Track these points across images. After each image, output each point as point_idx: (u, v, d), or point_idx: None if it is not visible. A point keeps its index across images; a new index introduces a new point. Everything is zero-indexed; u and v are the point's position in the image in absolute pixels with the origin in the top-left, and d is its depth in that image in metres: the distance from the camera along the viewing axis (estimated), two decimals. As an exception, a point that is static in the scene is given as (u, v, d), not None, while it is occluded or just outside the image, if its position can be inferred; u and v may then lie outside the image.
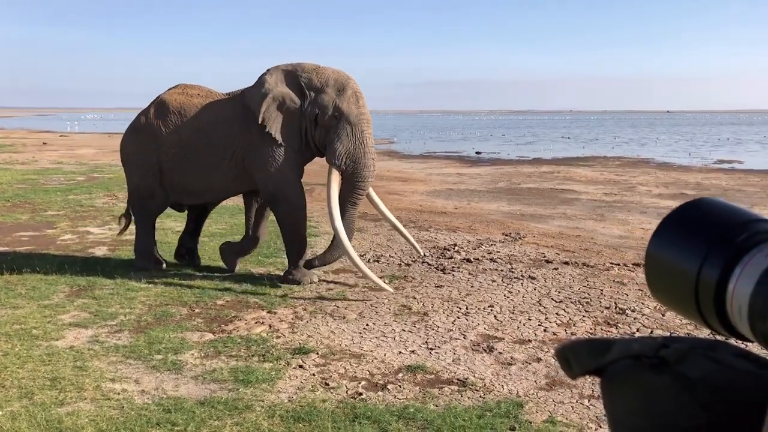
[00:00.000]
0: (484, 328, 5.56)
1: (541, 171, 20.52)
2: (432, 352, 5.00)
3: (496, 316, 5.85)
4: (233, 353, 4.96)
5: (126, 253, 8.15)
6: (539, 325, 5.65)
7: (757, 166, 22.57)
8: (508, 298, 6.41)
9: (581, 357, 0.50)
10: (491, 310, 6.01)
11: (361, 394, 4.25)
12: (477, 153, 29.94)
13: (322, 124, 6.79)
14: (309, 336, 5.36)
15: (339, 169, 6.77)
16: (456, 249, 8.45)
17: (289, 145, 6.86)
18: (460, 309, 6.06)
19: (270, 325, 5.61)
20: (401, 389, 4.34)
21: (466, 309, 6.06)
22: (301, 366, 4.71)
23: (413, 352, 5.03)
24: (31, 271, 7.10)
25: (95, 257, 8.03)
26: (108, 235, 9.43)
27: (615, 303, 6.23)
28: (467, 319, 5.77)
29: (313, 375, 4.57)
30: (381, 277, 6.89)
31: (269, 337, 5.31)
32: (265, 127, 6.74)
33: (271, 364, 4.73)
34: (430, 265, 7.72)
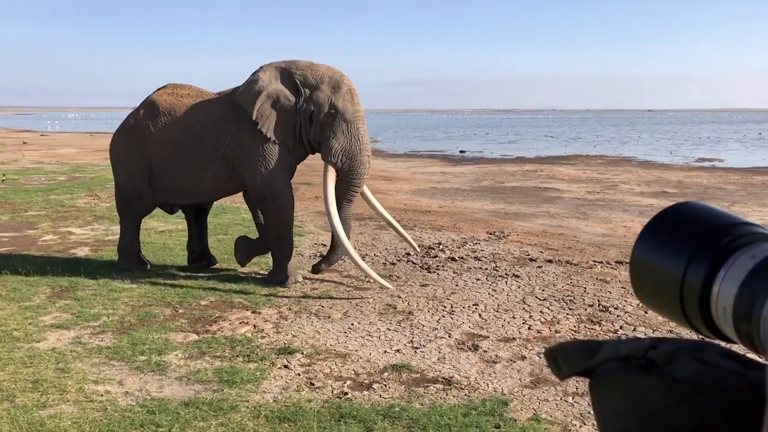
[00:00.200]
0: (468, 326, 5.58)
1: (524, 170, 20.62)
2: (417, 351, 5.01)
3: (480, 315, 5.87)
4: (218, 354, 4.94)
5: (108, 253, 8.08)
6: (523, 323, 5.68)
7: (737, 165, 22.83)
8: (493, 296, 6.44)
9: (570, 358, 0.50)
10: (476, 309, 6.03)
11: (346, 394, 4.25)
12: (461, 152, 30.02)
13: (318, 121, 6.76)
14: (294, 336, 5.35)
15: (335, 166, 6.76)
16: (441, 248, 8.47)
17: (283, 142, 6.83)
18: (445, 308, 6.07)
19: (255, 325, 5.59)
20: (387, 388, 4.34)
21: (451, 307, 6.07)
22: (286, 366, 4.70)
23: (398, 351, 5.03)
24: (12, 272, 7.02)
25: (77, 258, 7.95)
26: (90, 235, 9.35)
27: (598, 301, 6.28)
28: (452, 318, 5.79)
29: (299, 375, 4.56)
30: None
31: (254, 338, 5.29)
32: (258, 124, 6.70)
33: (255, 365, 4.72)
34: (415, 264, 7.73)
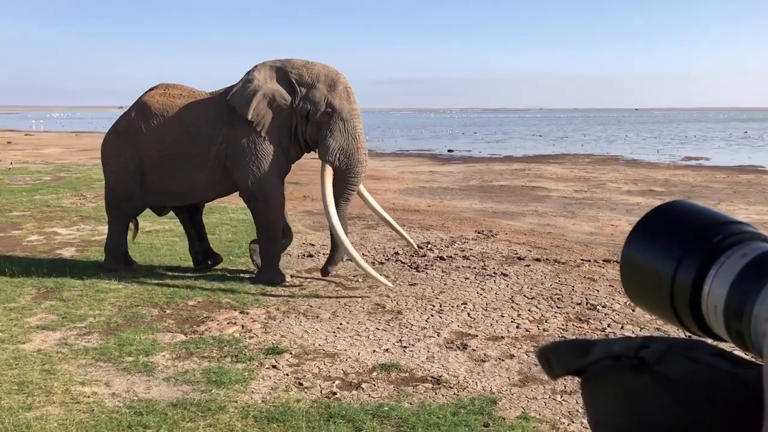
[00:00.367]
0: (457, 325, 5.59)
1: (512, 169, 20.69)
2: (406, 351, 5.01)
3: (469, 314, 5.88)
4: (205, 354, 4.92)
5: (95, 254, 8.03)
6: (512, 321, 5.69)
7: (723, 163, 23.03)
8: (481, 295, 6.45)
9: (562, 358, 0.50)
10: (464, 308, 6.04)
11: (335, 394, 4.24)
12: (449, 151, 30.07)
13: (314, 120, 6.74)
14: (282, 336, 5.33)
15: (332, 165, 6.75)
16: (429, 247, 8.48)
17: (279, 142, 6.80)
18: (434, 307, 6.08)
19: (243, 326, 5.57)
20: (375, 388, 4.34)
21: (440, 307, 6.08)
22: (274, 366, 4.69)
23: (387, 350, 5.03)
24: (-3, 273, 6.95)
25: (63, 258, 7.89)
26: (76, 235, 9.28)
27: (586, 299, 6.31)
28: (441, 317, 5.79)
29: (287, 375, 4.55)
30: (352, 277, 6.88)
31: (242, 338, 5.27)
32: (253, 123, 6.67)
33: (244, 365, 4.70)
34: (403, 263, 7.74)
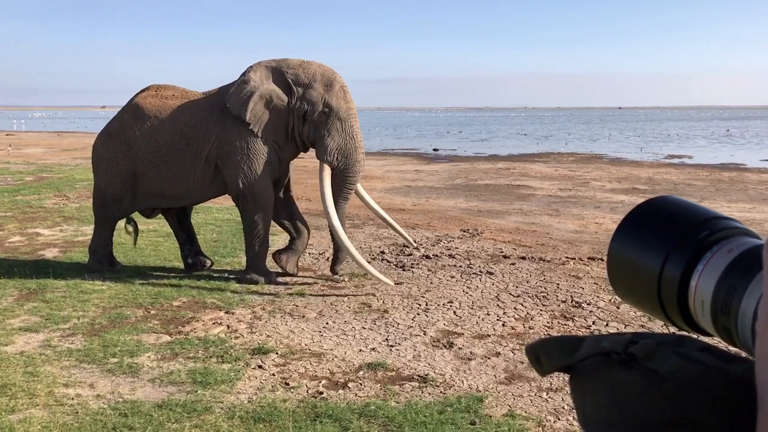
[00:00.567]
0: (443, 324, 5.60)
1: (497, 167, 20.76)
2: (392, 349, 5.01)
3: (455, 312, 5.89)
4: (191, 355, 4.89)
5: (78, 254, 7.96)
6: (498, 319, 5.71)
7: (706, 161, 23.25)
8: (467, 293, 6.47)
9: (552, 354, 0.50)
10: (450, 306, 6.06)
11: (321, 393, 4.24)
12: (434, 150, 30.11)
13: (312, 120, 6.73)
14: (268, 336, 5.31)
15: (331, 165, 6.75)
16: (415, 246, 8.48)
17: (274, 142, 6.78)
18: (420, 305, 6.09)
19: (228, 326, 5.55)
20: (362, 387, 4.34)
21: (426, 305, 6.09)
22: (260, 366, 4.67)
23: (374, 349, 5.03)
24: (-22, 274, 6.87)
25: (46, 260, 7.81)
26: (59, 236, 9.20)
27: (571, 297, 6.34)
28: (427, 316, 5.80)
29: (273, 375, 4.54)
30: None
31: (227, 338, 5.25)
32: (250, 125, 6.64)
33: (229, 365, 4.68)
34: (389, 262, 7.74)
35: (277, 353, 4.92)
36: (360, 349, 5.03)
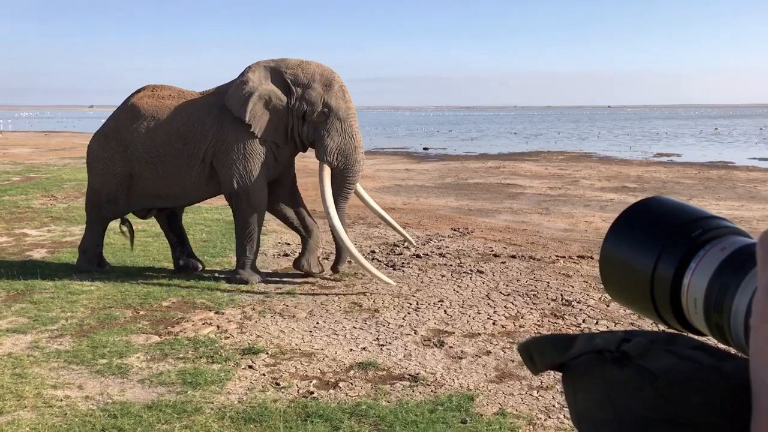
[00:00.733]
0: (434, 322, 5.60)
1: (487, 166, 20.80)
2: (383, 349, 5.01)
3: (446, 311, 5.90)
4: (180, 355, 4.87)
5: (66, 255, 7.91)
6: (488, 318, 5.72)
7: (694, 159, 23.39)
8: (458, 292, 6.48)
9: (545, 353, 0.50)
10: (441, 305, 6.06)
11: (312, 393, 4.23)
12: (425, 149, 30.15)
13: (311, 120, 6.72)
14: (258, 336, 5.30)
15: (331, 165, 6.74)
16: (405, 245, 8.48)
17: (272, 142, 6.77)
18: (411, 304, 6.09)
19: (218, 326, 5.52)
20: (353, 386, 4.33)
21: (417, 304, 6.09)
22: (250, 366, 4.66)
23: (364, 349, 5.03)
24: (-35, 275, 6.81)
25: (33, 260, 7.76)
26: (47, 237, 9.14)
27: (561, 295, 6.36)
28: (418, 315, 5.80)
29: (264, 375, 4.52)
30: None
31: (217, 338, 5.23)
32: (251, 126, 6.62)
33: (219, 366, 4.66)
34: (380, 261, 7.73)
35: (267, 353, 4.91)
36: (351, 349, 5.03)
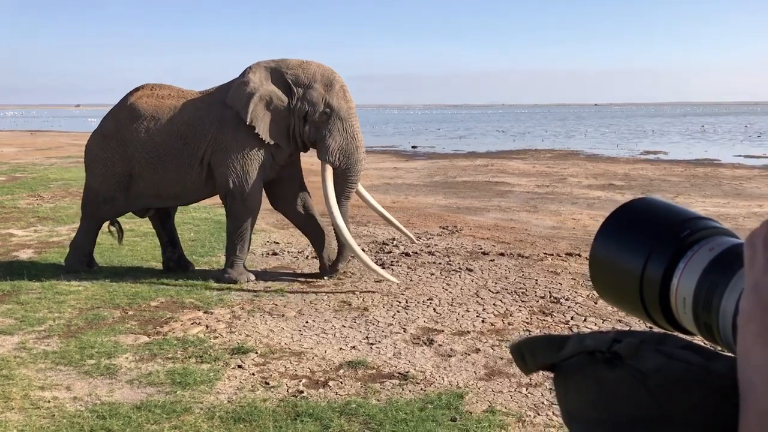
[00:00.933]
0: (423, 321, 5.61)
1: (475, 164, 20.84)
2: (373, 347, 5.02)
3: (435, 309, 5.91)
4: (169, 355, 4.85)
5: (53, 255, 7.85)
6: (477, 316, 5.74)
7: (681, 157, 23.55)
8: (447, 290, 6.49)
9: (537, 353, 0.50)
10: (430, 303, 6.07)
11: (302, 392, 4.23)
12: (413, 147, 30.16)
13: (313, 120, 6.71)
14: (247, 335, 5.29)
15: (333, 165, 6.75)
16: (394, 243, 8.50)
17: (276, 143, 6.75)
18: (400, 303, 6.10)
19: (207, 326, 5.51)
20: (342, 385, 4.33)
21: (406, 303, 6.10)
22: (240, 366, 4.65)
23: (354, 347, 5.03)
24: (-50, 276, 6.75)
25: (20, 261, 7.70)
26: (33, 237, 9.07)
27: (549, 292, 6.39)
28: (407, 313, 5.81)
29: (253, 374, 4.52)
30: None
31: (206, 338, 5.21)
32: (254, 128, 6.60)
33: (209, 365, 4.65)
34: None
35: (256, 353, 4.90)
36: (340, 348, 5.03)
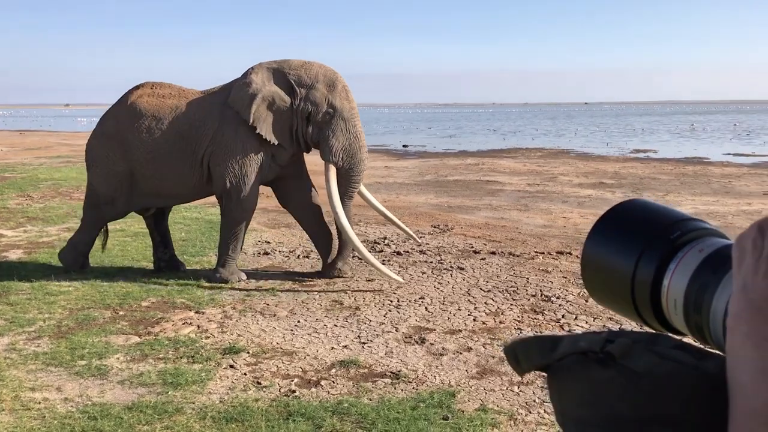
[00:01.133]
0: (415, 320, 5.62)
1: (466, 163, 20.87)
2: (365, 346, 5.02)
3: (426, 308, 5.92)
4: (161, 356, 4.83)
5: (43, 256, 7.81)
6: (469, 314, 5.75)
7: (670, 155, 23.67)
8: (438, 289, 6.50)
9: (530, 353, 0.51)
10: (422, 302, 6.08)
11: (294, 392, 4.22)
12: (404, 146, 30.17)
13: (316, 121, 6.70)
14: (239, 335, 5.28)
15: (336, 165, 6.75)
16: (386, 242, 8.51)
17: (278, 144, 6.74)
18: (392, 302, 6.10)
19: (198, 326, 5.49)
20: (335, 385, 4.34)
21: (398, 302, 6.10)
22: (232, 366, 4.64)
23: (346, 346, 5.03)
24: (-61, 277, 6.70)
25: (9, 261, 7.65)
26: (23, 237, 9.01)
27: (540, 291, 6.41)
28: (399, 312, 5.81)
29: (245, 374, 4.51)
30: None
31: (198, 338, 5.20)
32: (256, 129, 6.58)
33: (200, 365, 4.63)
34: (360, 259, 7.72)
35: (248, 352, 4.90)
36: (332, 347, 5.03)
